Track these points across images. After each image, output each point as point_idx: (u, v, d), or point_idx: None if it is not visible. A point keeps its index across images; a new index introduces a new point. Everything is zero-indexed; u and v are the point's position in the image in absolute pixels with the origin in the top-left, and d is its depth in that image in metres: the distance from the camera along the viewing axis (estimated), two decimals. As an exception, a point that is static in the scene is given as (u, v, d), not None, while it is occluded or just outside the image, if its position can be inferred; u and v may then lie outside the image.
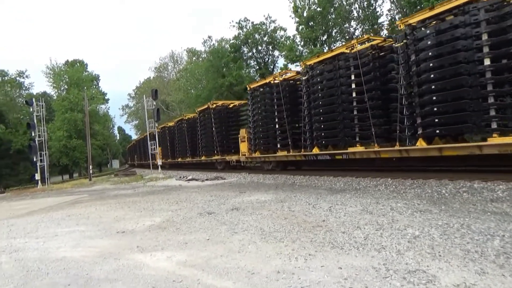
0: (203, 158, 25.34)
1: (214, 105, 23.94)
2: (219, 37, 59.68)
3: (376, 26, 25.64)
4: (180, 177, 21.12)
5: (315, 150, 13.97)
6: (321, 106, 13.65)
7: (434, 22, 9.95)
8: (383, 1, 28.11)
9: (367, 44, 12.37)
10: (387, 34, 25.38)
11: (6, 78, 50.00)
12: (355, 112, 12.37)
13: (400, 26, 10.72)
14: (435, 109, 9.67)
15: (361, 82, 11.84)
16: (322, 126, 13.68)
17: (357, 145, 12.31)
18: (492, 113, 8.53)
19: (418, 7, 17.95)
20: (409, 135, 10.36)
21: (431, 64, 9.73)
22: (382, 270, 3.60)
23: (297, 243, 4.85)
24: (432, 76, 9.69)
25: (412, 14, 11.72)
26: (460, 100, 9.13)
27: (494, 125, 8.53)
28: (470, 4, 8.85)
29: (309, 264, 3.96)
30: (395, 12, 24.88)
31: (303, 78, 14.56)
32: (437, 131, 9.71)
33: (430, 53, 9.76)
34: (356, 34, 27.63)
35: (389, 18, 25.49)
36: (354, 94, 12.39)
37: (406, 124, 10.41)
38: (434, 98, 9.67)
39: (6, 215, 10.70)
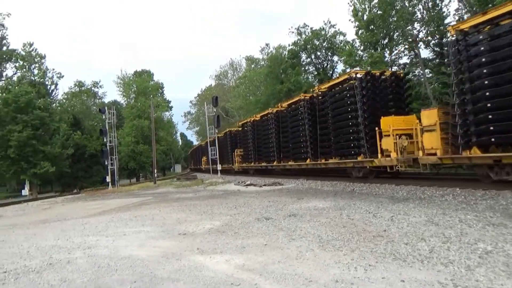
0: (333, 160, 16.29)
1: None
2: (277, 43, 60.23)
3: (442, 27, 24.19)
4: (239, 182, 21.48)
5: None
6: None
7: None
8: (450, 1, 26.45)
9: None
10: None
11: (83, 88, 54.67)
12: None
13: None
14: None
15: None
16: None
17: None
18: None
19: (490, 4, 16.69)
20: None
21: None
22: (450, 286, 3.39)
23: (356, 252, 4.71)
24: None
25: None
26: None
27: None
28: None
29: (369, 275, 3.84)
30: (464, 11, 23.32)
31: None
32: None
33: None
34: (420, 36, 26.33)
35: (457, 18, 23.90)
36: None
37: None
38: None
39: (81, 214, 11.63)
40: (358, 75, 14.54)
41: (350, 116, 14.84)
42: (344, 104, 15.21)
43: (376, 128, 13.12)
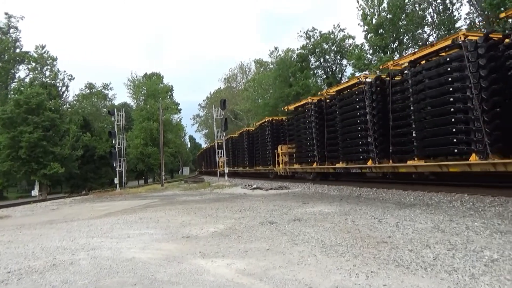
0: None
1: None
2: (285, 47, 60.37)
3: (453, 31, 23.98)
4: (245, 185, 21.47)
5: None
6: None
7: None
8: (461, 4, 26.18)
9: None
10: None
11: (93, 90, 55.34)
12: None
13: None
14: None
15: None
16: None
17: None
18: None
19: (502, 8, 16.48)
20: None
21: None
22: (452, 295, 3.32)
23: (359, 258, 4.66)
24: None
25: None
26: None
27: None
28: None
29: (370, 282, 3.78)
30: (475, 15, 23.08)
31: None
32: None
33: None
34: (430, 40, 26.13)
35: (468, 22, 23.67)
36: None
37: None
38: None
39: (87, 216, 11.71)
40: None
41: None
42: None
43: None
